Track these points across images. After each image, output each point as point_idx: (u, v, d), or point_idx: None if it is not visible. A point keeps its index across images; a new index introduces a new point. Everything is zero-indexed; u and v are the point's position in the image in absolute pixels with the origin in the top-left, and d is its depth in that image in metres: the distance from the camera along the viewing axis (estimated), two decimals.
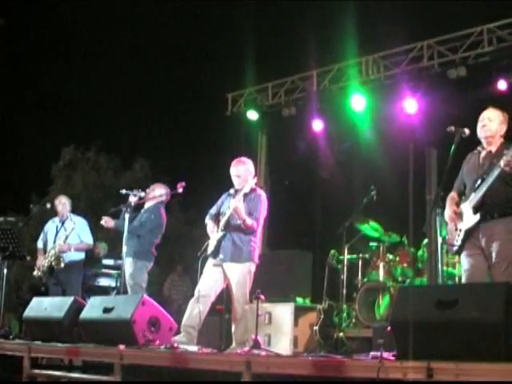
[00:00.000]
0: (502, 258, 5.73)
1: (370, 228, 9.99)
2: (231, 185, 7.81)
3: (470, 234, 5.95)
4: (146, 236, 8.88)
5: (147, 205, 9.11)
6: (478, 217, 5.86)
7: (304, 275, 9.93)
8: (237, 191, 7.60)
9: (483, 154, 6.20)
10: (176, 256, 16.26)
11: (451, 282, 8.59)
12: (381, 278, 9.66)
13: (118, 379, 5.76)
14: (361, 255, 10.03)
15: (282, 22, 15.92)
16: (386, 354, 4.27)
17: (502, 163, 5.64)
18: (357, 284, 9.83)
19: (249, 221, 7.33)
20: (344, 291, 9.35)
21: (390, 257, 9.79)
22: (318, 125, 12.76)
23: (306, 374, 4.39)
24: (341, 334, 8.82)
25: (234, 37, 15.74)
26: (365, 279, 9.86)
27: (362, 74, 12.39)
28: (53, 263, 9.63)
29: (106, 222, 8.87)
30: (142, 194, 8.70)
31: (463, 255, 6.03)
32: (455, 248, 6.01)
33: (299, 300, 9.47)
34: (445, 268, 8.72)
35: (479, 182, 5.93)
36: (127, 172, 20.13)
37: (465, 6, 11.79)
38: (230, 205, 7.38)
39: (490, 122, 6.17)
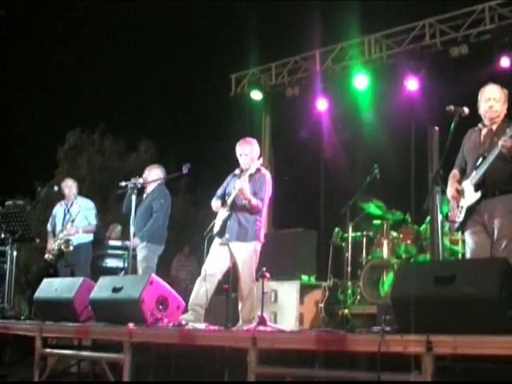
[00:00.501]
0: (503, 234, 5.85)
1: (374, 206, 10.06)
2: (236, 165, 7.92)
3: (471, 210, 6.05)
4: (159, 220, 9.03)
5: (150, 188, 9.22)
6: (479, 194, 5.97)
7: (309, 253, 10.05)
8: (242, 171, 7.71)
9: (484, 131, 6.28)
10: (182, 237, 16.40)
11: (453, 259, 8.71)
12: (385, 255, 9.74)
13: (128, 357, 5.91)
14: (365, 233, 10.07)
15: (285, 3, 15.93)
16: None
17: (499, 145, 5.73)
18: (361, 262, 9.90)
19: (254, 201, 7.44)
20: (349, 269, 9.51)
21: (394, 234, 9.86)
22: (321, 104, 12.89)
23: (310, 349, 4.53)
24: (346, 310, 8.95)
25: (237, 18, 15.80)
26: (369, 257, 9.93)
27: (365, 54, 12.52)
28: (62, 246, 9.77)
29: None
30: (141, 181, 8.81)
31: (467, 233, 6.15)
32: (457, 225, 6.12)
33: (304, 278, 9.58)
34: (448, 245, 8.84)
35: (480, 160, 6.01)
36: (132, 154, 20.18)
37: None
38: (236, 185, 7.49)
39: (496, 103, 6.21)
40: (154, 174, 9.23)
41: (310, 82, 13.10)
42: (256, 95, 13.67)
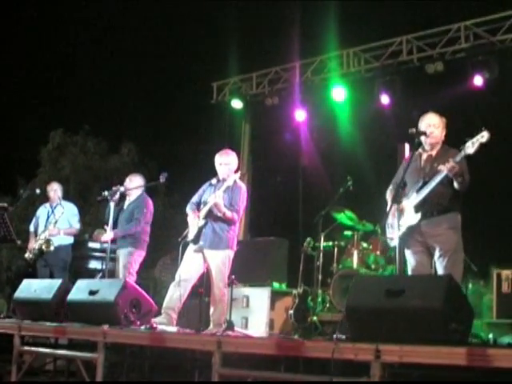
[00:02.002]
0: (446, 250, 6.29)
1: (346, 217, 10.34)
2: (214, 171, 8.16)
3: (412, 230, 6.43)
4: (139, 225, 9.29)
5: (132, 196, 9.49)
6: (419, 216, 6.37)
7: (280, 261, 10.35)
8: (218, 181, 7.99)
9: (424, 156, 6.68)
10: (161, 239, 16.61)
11: None
12: (354, 265, 10.04)
13: (101, 357, 6.21)
14: (336, 243, 10.35)
15: (267, 14, 16.22)
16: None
17: (445, 169, 6.08)
18: (332, 270, 10.16)
19: (228, 213, 7.74)
20: (319, 277, 9.81)
21: (364, 245, 10.15)
22: (300, 115, 13.16)
23: (270, 354, 4.85)
24: (314, 317, 9.26)
25: (220, 27, 16.06)
26: (339, 266, 10.20)
27: (343, 67, 12.77)
28: (43, 246, 10.00)
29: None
30: (122, 189, 9.10)
31: (408, 252, 6.52)
32: (394, 241, 6.46)
33: (275, 285, 9.88)
34: None
35: (421, 183, 6.42)
36: (114, 156, 20.40)
37: (443, 3, 12.14)
38: (210, 200, 7.78)
39: (436, 129, 6.61)
40: (135, 183, 9.49)
41: (289, 92, 13.35)
42: (236, 104, 13.94)
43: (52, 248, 10.00)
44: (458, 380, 4.35)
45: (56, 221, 10.17)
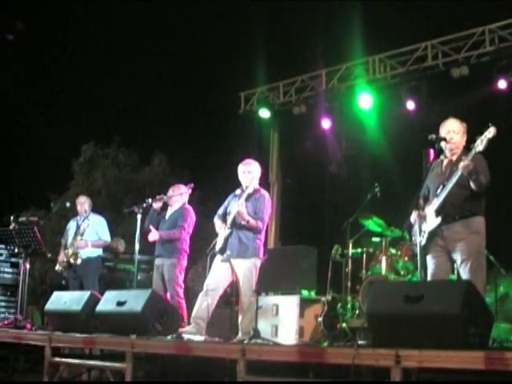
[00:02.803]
0: (467, 256, 6.24)
1: (374, 223, 10.36)
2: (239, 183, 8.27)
3: (433, 235, 6.43)
4: (182, 233, 9.36)
5: (175, 205, 9.50)
6: (439, 220, 6.36)
7: (309, 269, 10.32)
8: (242, 191, 8.08)
9: (445, 162, 6.68)
10: (194, 247, 16.73)
11: None
12: (383, 271, 10.03)
13: (130, 367, 6.31)
14: (365, 249, 10.36)
15: (293, 24, 16.30)
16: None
17: (459, 168, 6.10)
18: (361, 277, 10.19)
19: (252, 221, 7.84)
20: (349, 284, 9.85)
21: (392, 251, 10.15)
22: (326, 122, 13.23)
23: (293, 361, 4.91)
24: (344, 324, 9.27)
25: (247, 38, 16.15)
26: (368, 272, 10.22)
27: (369, 73, 12.81)
28: (71, 259, 10.14)
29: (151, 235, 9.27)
30: (165, 198, 9.22)
31: (429, 257, 6.50)
32: (419, 248, 6.47)
33: (304, 292, 9.89)
34: None
35: (441, 188, 6.42)
36: (146, 167, 20.55)
37: (467, 7, 12.12)
38: (232, 209, 7.89)
39: (455, 135, 6.61)
40: (178, 192, 9.50)
41: (316, 100, 13.45)
42: (264, 113, 14.05)
43: (79, 261, 10.13)
44: None
45: (82, 233, 10.32)
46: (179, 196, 9.43)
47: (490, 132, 6.00)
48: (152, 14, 18.90)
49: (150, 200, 9.14)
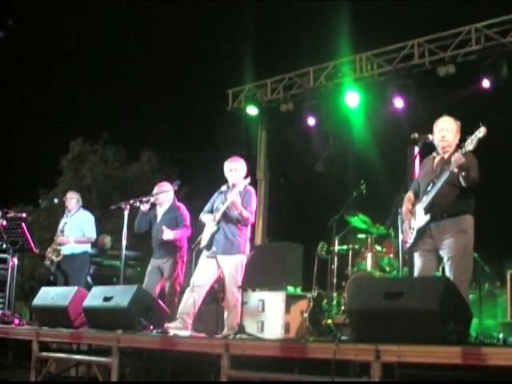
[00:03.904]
0: (453, 254, 6.27)
1: (359, 220, 10.41)
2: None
3: (422, 232, 6.47)
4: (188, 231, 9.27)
5: (164, 205, 9.36)
6: (428, 217, 6.39)
7: (295, 266, 10.40)
8: (229, 187, 8.13)
9: (437, 159, 6.71)
10: None
11: None
12: (369, 268, 10.11)
13: (116, 361, 6.39)
14: (350, 246, 10.42)
15: (281, 21, 16.40)
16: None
17: (451, 165, 6.17)
18: (347, 273, 10.25)
19: (245, 213, 7.87)
20: (334, 280, 9.92)
21: (378, 248, 10.22)
22: (313, 120, 13.29)
23: (275, 355, 5.00)
24: (329, 320, 9.36)
25: (235, 35, 16.22)
26: (354, 269, 10.30)
27: (356, 71, 12.90)
28: (53, 256, 10.13)
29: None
30: (152, 199, 9.19)
31: (416, 253, 6.56)
32: (408, 245, 6.56)
33: (290, 289, 9.97)
34: None
35: (431, 185, 6.46)
36: (134, 164, 20.60)
37: (454, 5, 12.21)
38: (228, 198, 7.91)
39: (448, 133, 6.63)
40: (164, 192, 9.32)
41: (303, 98, 13.52)
42: (252, 110, 14.14)
43: (60, 257, 10.08)
44: (457, 379, 4.46)
45: (62, 230, 10.31)
46: (165, 194, 9.36)
47: (481, 132, 6.02)
48: (141, 13, 18.97)
49: (137, 203, 9.10)
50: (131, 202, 9.00)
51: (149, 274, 9.19)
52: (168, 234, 8.85)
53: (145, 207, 9.15)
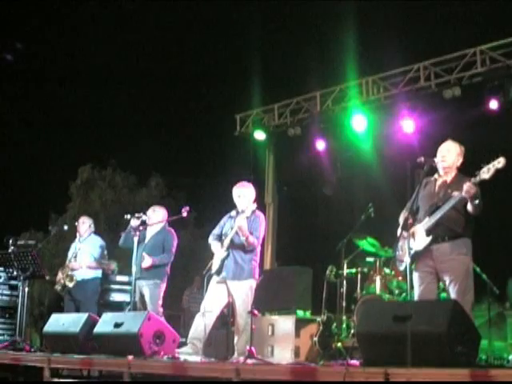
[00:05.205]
0: (455, 277, 6.34)
1: (368, 243, 10.42)
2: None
3: (422, 254, 6.53)
4: (171, 257, 9.39)
5: (155, 228, 9.52)
6: (429, 239, 6.45)
7: (304, 290, 10.49)
8: (238, 213, 8.19)
9: (439, 182, 6.78)
10: (190, 269, 16.86)
11: None
12: (378, 291, 10.10)
13: None
14: (359, 269, 10.43)
15: (287, 47, 16.52)
16: (353, 362, 4.90)
17: (461, 192, 6.20)
18: (356, 297, 10.25)
19: (251, 238, 7.91)
20: (343, 304, 9.93)
21: (387, 271, 10.20)
22: (321, 144, 13.34)
23: (285, 379, 5.03)
24: (339, 344, 9.36)
25: (242, 61, 16.35)
26: (363, 292, 10.30)
27: (363, 95, 12.96)
28: (66, 281, 10.20)
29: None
30: (144, 218, 9.27)
31: (416, 275, 6.61)
32: (404, 264, 6.59)
33: (300, 313, 10.01)
34: None
35: (434, 208, 6.53)
36: (143, 189, 20.70)
37: (458, 28, 12.32)
38: (235, 223, 7.96)
39: (449, 153, 6.72)
40: (159, 215, 9.58)
41: (311, 122, 13.57)
42: (259, 135, 14.20)
43: (73, 283, 10.17)
44: None
45: (75, 255, 10.39)
46: (158, 216, 9.50)
47: (500, 162, 6.00)
48: (150, 37, 19.13)
49: (128, 216, 9.22)
50: (125, 216, 9.13)
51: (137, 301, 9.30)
52: (146, 262, 9.02)
53: (135, 222, 9.21)
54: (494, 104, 11.12)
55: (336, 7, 14.50)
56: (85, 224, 10.77)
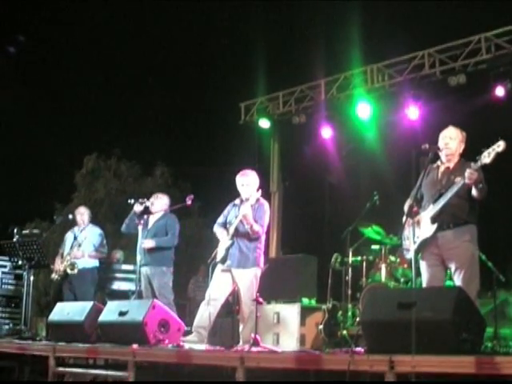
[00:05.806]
0: (460, 264, 6.33)
1: (373, 231, 10.41)
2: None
3: (427, 241, 6.52)
4: (174, 241, 9.49)
5: (157, 215, 9.60)
6: (435, 226, 6.43)
7: (309, 278, 10.47)
8: (242, 201, 8.17)
9: (442, 168, 6.77)
10: (196, 258, 16.84)
11: None
12: (383, 278, 10.10)
13: (132, 375, 6.43)
14: (365, 257, 10.42)
15: (291, 34, 16.46)
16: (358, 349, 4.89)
17: (463, 178, 6.18)
18: (361, 285, 10.24)
19: (256, 226, 7.90)
20: (349, 292, 9.92)
21: (392, 259, 10.20)
22: (326, 132, 13.31)
23: (290, 367, 5.02)
24: (344, 331, 9.36)
25: (246, 49, 16.30)
26: (369, 280, 10.29)
27: (368, 83, 12.92)
28: (68, 269, 10.22)
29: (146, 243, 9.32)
30: (148, 203, 9.30)
31: (423, 264, 6.60)
32: (410, 253, 6.55)
33: (305, 301, 10.01)
34: None
35: (438, 195, 6.51)
36: (148, 178, 20.69)
37: (463, 15, 12.24)
38: (240, 212, 7.96)
39: (451, 141, 6.70)
40: (161, 202, 9.65)
41: (315, 110, 13.56)
42: (264, 123, 14.17)
43: (76, 271, 10.20)
44: None
45: (80, 244, 10.42)
46: (161, 203, 9.58)
47: (500, 146, 5.98)
48: (154, 26, 19.08)
49: (132, 201, 9.25)
50: (128, 201, 9.15)
51: (143, 288, 9.32)
52: (148, 243, 9.10)
53: (138, 208, 9.25)
54: (500, 91, 11.09)
55: None
56: (84, 214, 10.88)
